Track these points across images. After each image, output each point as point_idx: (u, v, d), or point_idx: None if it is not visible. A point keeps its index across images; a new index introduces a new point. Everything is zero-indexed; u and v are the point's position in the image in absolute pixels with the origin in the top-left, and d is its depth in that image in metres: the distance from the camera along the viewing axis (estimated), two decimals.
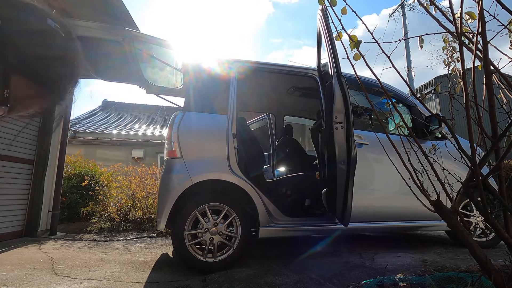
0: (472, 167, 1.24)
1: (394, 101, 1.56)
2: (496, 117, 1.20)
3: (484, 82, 1.21)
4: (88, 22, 2.39)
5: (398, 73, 1.39)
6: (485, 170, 1.37)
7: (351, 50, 1.33)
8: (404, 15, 14.84)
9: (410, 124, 3.03)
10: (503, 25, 1.22)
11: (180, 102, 2.69)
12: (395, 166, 1.55)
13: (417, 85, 12.18)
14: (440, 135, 2.98)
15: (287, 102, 4.49)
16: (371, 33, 1.33)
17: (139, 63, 2.59)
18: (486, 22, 1.17)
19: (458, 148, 1.31)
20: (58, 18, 0.52)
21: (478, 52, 1.26)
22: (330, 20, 1.42)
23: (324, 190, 2.49)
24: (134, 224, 4.47)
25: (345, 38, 1.35)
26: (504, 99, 1.67)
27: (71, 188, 5.05)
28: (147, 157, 9.89)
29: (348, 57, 1.36)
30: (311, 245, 3.17)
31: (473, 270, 1.80)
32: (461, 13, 1.26)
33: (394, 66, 1.39)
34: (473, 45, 1.33)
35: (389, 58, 1.37)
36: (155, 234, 4.00)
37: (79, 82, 0.57)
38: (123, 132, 11.09)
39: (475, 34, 1.20)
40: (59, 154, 4.29)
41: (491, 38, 1.23)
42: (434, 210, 1.34)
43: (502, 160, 1.21)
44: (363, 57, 1.34)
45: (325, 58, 2.63)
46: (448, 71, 1.83)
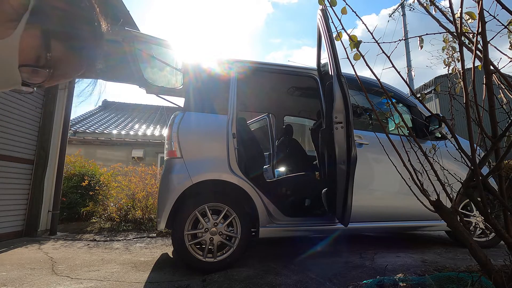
0: (472, 167, 1.24)
1: (394, 101, 1.56)
2: (496, 117, 1.20)
3: (484, 82, 1.21)
4: None
5: (398, 73, 1.39)
6: (485, 170, 1.37)
7: (351, 50, 1.33)
8: (404, 15, 14.85)
9: (410, 124, 3.03)
10: (503, 25, 1.22)
11: (180, 102, 2.69)
12: (395, 166, 1.55)
13: (417, 85, 12.18)
14: (440, 135, 2.98)
15: (287, 102, 4.49)
16: (371, 33, 1.33)
17: (139, 63, 2.59)
18: (486, 22, 1.17)
19: (458, 148, 1.31)
20: None
21: (478, 52, 1.26)
22: (330, 20, 1.42)
23: (324, 190, 2.49)
24: (134, 224, 4.47)
25: (345, 38, 1.35)
26: (504, 99, 1.67)
27: (71, 188, 5.05)
28: (147, 157, 9.90)
29: (348, 57, 1.36)
30: (311, 245, 3.17)
31: (473, 270, 1.79)
32: (461, 13, 1.26)
33: (394, 66, 1.39)
34: (473, 45, 1.33)
35: (389, 58, 1.37)
36: (155, 234, 4.00)
37: (104, 56, 0.59)
38: (123, 132, 11.10)
39: (475, 34, 1.20)
40: (59, 154, 4.29)
41: (491, 38, 1.23)
42: (434, 210, 1.34)
43: (502, 160, 1.21)
44: (363, 57, 1.34)
45: (325, 58, 2.63)
46: (448, 71, 1.83)
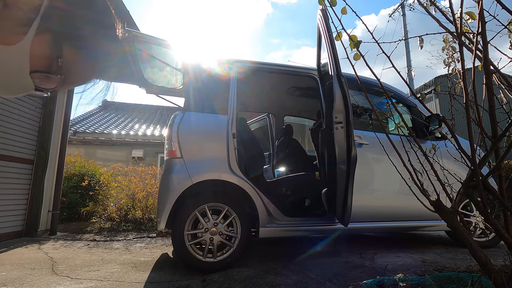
0: (472, 167, 1.24)
1: (394, 101, 1.56)
2: (496, 117, 1.20)
3: (484, 82, 1.21)
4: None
5: (398, 73, 1.39)
6: (485, 170, 1.37)
7: (351, 50, 1.33)
8: (404, 15, 14.85)
9: (410, 124, 3.03)
10: (503, 25, 1.22)
11: (180, 102, 2.69)
12: (395, 166, 1.55)
13: (417, 85, 12.19)
14: (440, 135, 2.98)
15: (287, 102, 4.49)
16: (371, 33, 1.33)
17: (139, 63, 2.58)
18: (486, 22, 1.17)
19: (458, 148, 1.31)
20: None
21: (478, 52, 1.26)
22: (330, 20, 1.42)
23: (324, 190, 2.49)
24: (134, 224, 4.47)
25: (345, 38, 1.35)
26: (504, 99, 1.67)
27: (71, 188, 5.05)
28: (147, 157, 9.90)
29: (348, 57, 1.36)
30: (311, 245, 3.17)
31: (473, 270, 1.79)
32: (461, 13, 1.26)
33: (394, 66, 1.39)
34: (473, 45, 1.33)
35: (389, 58, 1.37)
36: (155, 234, 4.00)
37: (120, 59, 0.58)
38: (123, 132, 11.10)
39: (475, 34, 1.20)
40: (59, 154, 4.29)
41: (491, 38, 1.23)
42: (434, 210, 1.34)
43: (502, 160, 1.21)
44: (363, 57, 1.34)
45: (325, 58, 2.63)
46: (448, 71, 1.83)
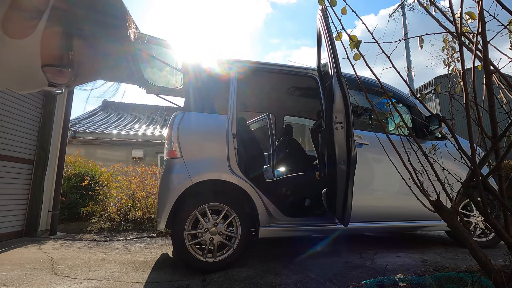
0: (472, 167, 1.24)
1: (394, 101, 1.56)
2: (496, 117, 1.20)
3: (484, 82, 1.21)
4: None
5: (398, 73, 1.39)
6: (485, 170, 1.37)
7: (351, 50, 1.33)
8: (404, 15, 14.85)
9: (410, 124, 3.03)
10: (503, 25, 1.22)
11: (180, 102, 2.69)
12: (395, 166, 1.55)
13: (417, 85, 12.19)
14: (440, 135, 2.98)
15: (287, 102, 4.49)
16: (371, 33, 1.33)
17: (139, 63, 2.58)
18: (486, 22, 1.17)
19: (458, 148, 1.31)
20: None
21: (478, 52, 1.26)
22: (330, 20, 1.42)
23: (324, 190, 2.49)
24: (134, 224, 4.47)
25: (345, 38, 1.35)
26: (504, 99, 1.67)
27: (71, 188, 5.05)
28: (147, 157, 9.90)
29: (348, 57, 1.36)
30: (311, 245, 3.17)
31: (473, 270, 1.80)
32: (461, 13, 1.26)
33: (394, 66, 1.39)
34: (473, 45, 1.33)
35: (389, 58, 1.37)
36: (155, 234, 4.00)
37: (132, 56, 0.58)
38: (123, 132, 11.10)
39: (475, 34, 1.20)
40: (59, 154, 4.29)
41: (491, 38, 1.23)
42: (434, 210, 1.34)
43: (502, 160, 1.21)
44: (363, 57, 1.34)
45: (325, 58, 2.63)
46: (448, 71, 1.83)
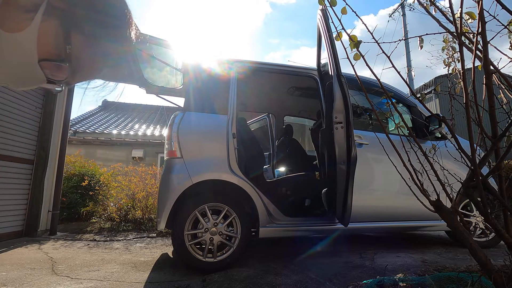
0: (472, 167, 1.24)
1: (394, 101, 1.56)
2: (496, 117, 1.20)
3: (484, 82, 1.21)
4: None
5: (398, 73, 1.39)
6: (485, 170, 1.37)
7: (351, 50, 1.33)
8: (404, 15, 14.86)
9: (410, 124, 3.03)
10: (503, 25, 1.22)
11: (180, 102, 2.69)
12: (395, 166, 1.55)
13: (417, 85, 12.20)
14: (440, 135, 2.98)
15: (287, 102, 4.49)
16: (371, 33, 1.33)
17: (139, 63, 2.59)
18: (486, 22, 1.17)
19: (458, 148, 1.31)
20: None
21: (478, 52, 1.26)
22: (330, 20, 1.42)
23: (324, 190, 2.49)
24: (134, 224, 4.47)
25: (345, 38, 1.35)
26: (504, 99, 1.67)
27: (71, 188, 5.05)
28: (147, 157, 9.90)
29: (348, 57, 1.36)
30: (311, 245, 3.17)
31: (473, 270, 1.80)
32: (461, 13, 1.26)
33: (394, 66, 1.39)
34: (473, 45, 1.33)
35: (389, 58, 1.37)
36: (155, 234, 4.00)
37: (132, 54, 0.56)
38: (123, 132, 11.10)
39: (475, 34, 1.20)
40: (59, 154, 4.29)
41: (491, 38, 1.23)
42: (434, 210, 1.34)
43: (502, 160, 1.21)
44: (363, 57, 1.34)
45: (325, 58, 2.63)
46: (448, 71, 1.83)
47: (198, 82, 2.60)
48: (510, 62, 1.46)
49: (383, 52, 1.35)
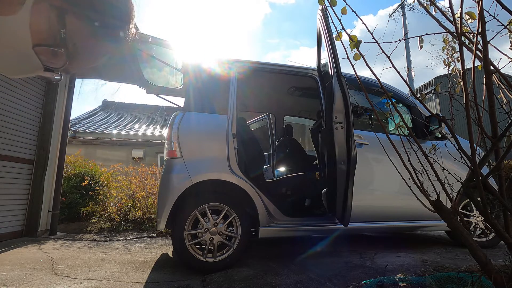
0: (472, 167, 1.24)
1: (394, 101, 1.56)
2: (496, 117, 1.20)
3: (484, 82, 1.21)
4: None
5: (398, 73, 1.39)
6: (485, 170, 1.37)
7: (351, 50, 1.33)
8: (404, 15, 14.86)
9: (410, 124, 3.03)
10: (503, 25, 1.22)
11: (180, 102, 2.69)
12: (395, 166, 1.55)
13: (417, 85, 12.20)
14: (440, 135, 2.98)
15: (287, 102, 4.50)
16: (371, 33, 1.33)
17: (139, 63, 2.59)
18: (486, 22, 1.17)
19: (458, 148, 1.31)
20: None
21: (478, 52, 1.26)
22: (330, 20, 1.42)
23: (324, 190, 2.49)
24: (134, 224, 4.47)
25: (345, 38, 1.35)
26: (504, 99, 1.67)
27: (71, 188, 5.04)
28: (147, 157, 9.90)
29: (348, 57, 1.36)
30: (311, 245, 3.17)
31: (473, 270, 1.80)
32: (461, 13, 1.26)
33: (394, 66, 1.39)
34: (473, 45, 1.33)
35: (389, 58, 1.37)
36: (155, 234, 4.00)
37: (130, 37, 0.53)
38: (123, 132, 11.11)
39: (475, 34, 1.20)
40: (59, 154, 4.29)
41: (491, 38, 1.23)
42: (434, 210, 1.34)
43: (502, 160, 1.21)
44: (363, 57, 1.34)
45: (325, 58, 2.63)
46: (448, 71, 1.83)
47: (198, 82, 2.60)
48: (510, 62, 1.46)
49: (383, 52, 1.35)
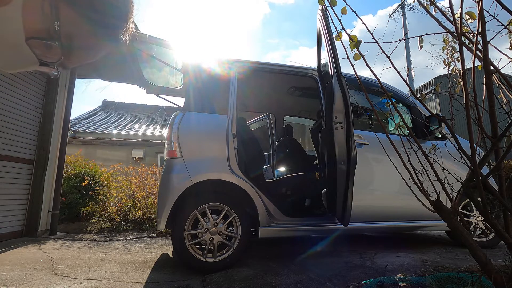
0: (472, 167, 1.24)
1: (394, 101, 1.56)
2: (496, 117, 1.20)
3: (484, 82, 1.21)
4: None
5: (398, 73, 1.39)
6: (485, 170, 1.37)
7: (351, 50, 1.33)
8: (404, 15, 14.87)
9: (410, 124, 3.03)
10: (503, 25, 1.22)
11: (180, 102, 2.69)
12: (395, 166, 1.55)
13: (417, 85, 12.21)
14: (440, 135, 2.98)
15: (287, 102, 4.49)
16: (371, 33, 1.33)
17: (139, 63, 2.59)
18: (486, 22, 1.17)
19: (458, 148, 1.31)
20: None
21: (478, 52, 1.26)
22: (330, 20, 1.42)
23: (324, 190, 2.49)
24: (134, 224, 4.47)
25: (345, 38, 1.35)
26: (504, 99, 1.67)
27: (71, 188, 5.05)
28: (147, 157, 9.90)
29: (348, 57, 1.36)
30: (311, 245, 3.17)
31: (473, 270, 1.80)
32: (461, 13, 1.26)
33: (394, 66, 1.39)
34: (473, 45, 1.33)
35: (389, 58, 1.37)
36: (155, 234, 4.00)
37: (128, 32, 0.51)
38: (123, 132, 11.11)
39: (475, 34, 1.20)
40: (59, 154, 4.29)
41: (491, 38, 1.23)
42: (434, 210, 1.34)
43: (502, 160, 1.21)
44: (363, 57, 1.34)
45: (325, 58, 2.63)
46: (448, 71, 1.83)
47: (198, 82, 2.60)
48: (510, 62, 1.46)
49: (383, 52, 1.35)
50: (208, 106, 2.59)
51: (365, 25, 1.32)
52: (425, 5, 1.54)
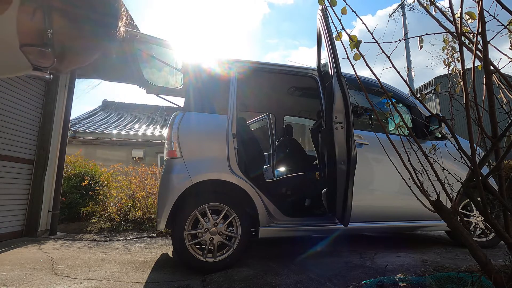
0: (472, 167, 1.24)
1: (394, 101, 1.56)
2: (496, 117, 1.20)
3: (484, 82, 1.21)
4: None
5: (398, 73, 1.39)
6: (485, 170, 1.37)
7: (351, 50, 1.33)
8: (404, 15, 14.87)
9: (410, 124, 3.03)
10: (503, 25, 1.22)
11: (180, 102, 2.69)
12: (395, 166, 1.55)
13: (417, 85, 12.21)
14: (440, 135, 2.98)
15: (287, 102, 4.49)
16: (371, 33, 1.33)
17: (139, 63, 2.59)
18: (486, 22, 1.17)
19: (458, 148, 1.31)
20: None
21: (478, 52, 1.26)
22: (330, 20, 1.42)
23: (324, 190, 2.49)
24: (134, 224, 4.47)
25: (345, 38, 1.35)
26: (504, 99, 1.67)
27: (71, 188, 5.04)
28: (147, 157, 9.90)
29: (348, 57, 1.36)
30: (311, 245, 3.17)
31: (473, 270, 1.80)
32: (461, 13, 1.26)
33: (394, 66, 1.39)
34: (473, 45, 1.33)
35: (389, 58, 1.37)
36: (155, 234, 4.00)
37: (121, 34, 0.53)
38: (123, 132, 11.11)
39: (475, 34, 1.20)
40: (59, 154, 4.29)
41: (491, 38, 1.23)
42: (434, 210, 1.34)
43: (502, 160, 1.21)
44: (363, 57, 1.34)
45: (325, 58, 2.63)
46: (448, 71, 1.83)
47: (198, 82, 2.60)
48: (510, 62, 1.46)
49: (383, 52, 1.35)
50: (208, 106, 2.59)
51: (365, 25, 1.32)
52: (425, 5, 1.54)
